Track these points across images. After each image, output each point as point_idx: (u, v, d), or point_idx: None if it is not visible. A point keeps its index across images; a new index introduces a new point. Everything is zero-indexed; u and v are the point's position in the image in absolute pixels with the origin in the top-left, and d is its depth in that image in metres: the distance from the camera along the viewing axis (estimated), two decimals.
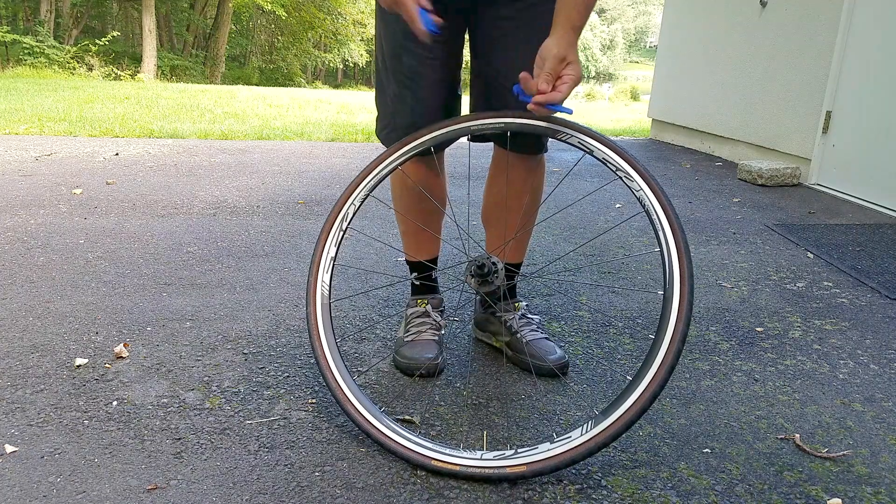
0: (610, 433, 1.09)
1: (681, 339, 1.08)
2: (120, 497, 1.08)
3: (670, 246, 1.14)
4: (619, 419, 1.08)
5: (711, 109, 4.83)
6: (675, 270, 1.12)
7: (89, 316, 1.76)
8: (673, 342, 1.08)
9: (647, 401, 1.08)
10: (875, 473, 1.21)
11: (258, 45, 25.86)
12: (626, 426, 1.08)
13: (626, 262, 2.37)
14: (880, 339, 1.80)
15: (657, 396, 1.08)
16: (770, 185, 3.75)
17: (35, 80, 11.14)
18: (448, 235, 2.52)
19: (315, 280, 1.37)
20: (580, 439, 1.10)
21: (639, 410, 1.08)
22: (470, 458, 1.14)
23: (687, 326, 1.09)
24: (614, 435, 1.08)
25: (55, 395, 1.37)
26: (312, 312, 1.33)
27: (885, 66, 3.33)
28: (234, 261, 2.24)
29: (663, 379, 1.08)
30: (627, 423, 1.08)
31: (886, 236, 2.79)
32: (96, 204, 2.87)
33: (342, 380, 1.27)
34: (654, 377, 1.08)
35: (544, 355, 1.52)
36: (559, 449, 1.11)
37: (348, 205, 1.40)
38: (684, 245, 1.13)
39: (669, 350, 1.08)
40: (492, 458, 1.14)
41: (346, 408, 1.24)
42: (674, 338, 1.09)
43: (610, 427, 1.09)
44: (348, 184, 1.42)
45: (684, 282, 1.11)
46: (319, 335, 1.31)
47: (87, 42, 15.94)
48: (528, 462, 1.11)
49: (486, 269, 1.29)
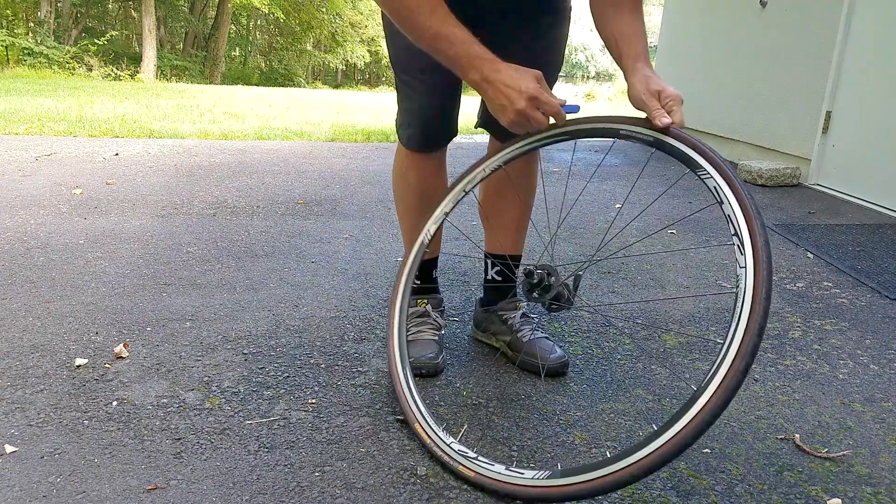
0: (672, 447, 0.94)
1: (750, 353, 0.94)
2: (120, 497, 1.08)
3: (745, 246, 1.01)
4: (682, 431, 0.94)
5: (711, 109, 4.84)
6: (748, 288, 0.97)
7: (89, 316, 1.76)
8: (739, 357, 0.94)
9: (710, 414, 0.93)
10: (875, 473, 1.21)
11: (258, 45, 25.87)
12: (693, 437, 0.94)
13: (626, 261, 2.37)
14: (880, 339, 1.80)
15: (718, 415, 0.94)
16: (770, 186, 3.75)
17: (35, 80, 11.14)
18: (448, 235, 2.52)
19: (420, 228, 1.41)
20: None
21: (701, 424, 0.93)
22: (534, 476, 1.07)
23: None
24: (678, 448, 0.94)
25: (55, 395, 1.37)
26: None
27: (885, 65, 3.33)
28: (234, 261, 2.24)
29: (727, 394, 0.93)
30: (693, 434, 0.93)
31: (886, 236, 2.79)
32: (96, 204, 2.87)
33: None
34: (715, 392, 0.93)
35: (544, 355, 1.52)
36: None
37: (478, 170, 1.40)
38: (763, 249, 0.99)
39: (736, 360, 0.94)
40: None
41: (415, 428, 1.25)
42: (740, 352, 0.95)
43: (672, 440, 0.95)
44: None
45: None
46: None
47: (87, 42, 15.95)
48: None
49: (537, 279, 1.28)
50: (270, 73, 23.71)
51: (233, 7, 20.63)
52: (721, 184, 1.07)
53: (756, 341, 0.94)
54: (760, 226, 1.00)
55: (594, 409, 1.40)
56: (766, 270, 0.97)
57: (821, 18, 3.73)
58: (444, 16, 1.13)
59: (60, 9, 17.14)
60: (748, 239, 1.00)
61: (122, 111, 6.24)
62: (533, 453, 1.24)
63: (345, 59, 25.83)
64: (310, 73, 26.80)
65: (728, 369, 0.93)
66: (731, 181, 1.06)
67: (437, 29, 1.13)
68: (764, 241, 0.99)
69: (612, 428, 1.33)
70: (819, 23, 3.74)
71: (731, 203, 1.05)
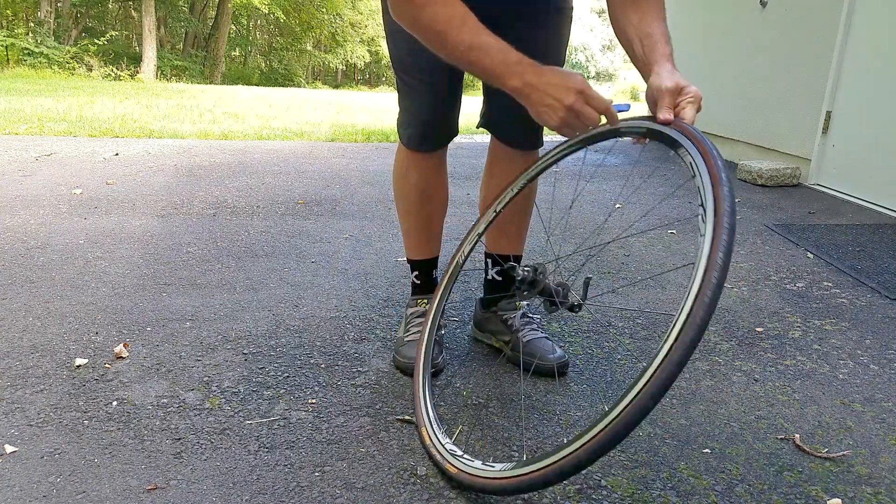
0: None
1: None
2: (120, 497, 1.08)
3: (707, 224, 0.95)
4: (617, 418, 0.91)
5: (711, 109, 4.82)
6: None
7: (89, 316, 1.76)
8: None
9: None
10: (875, 473, 1.21)
11: (258, 45, 25.86)
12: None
13: (626, 261, 2.37)
14: (880, 339, 1.80)
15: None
16: (770, 186, 3.75)
17: (35, 80, 11.14)
18: (449, 235, 2.52)
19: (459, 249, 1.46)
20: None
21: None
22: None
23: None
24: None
25: (55, 395, 1.37)
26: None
27: (885, 66, 3.33)
28: (234, 261, 2.24)
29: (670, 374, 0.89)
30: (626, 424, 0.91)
31: (886, 236, 2.79)
32: (96, 204, 2.87)
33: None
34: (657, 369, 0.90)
35: (544, 355, 1.52)
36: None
37: (507, 191, 1.43)
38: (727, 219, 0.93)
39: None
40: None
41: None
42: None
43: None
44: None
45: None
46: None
47: (87, 42, 15.94)
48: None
49: (521, 276, 1.30)
50: (270, 73, 23.71)
51: (233, 7, 20.63)
52: (696, 157, 1.02)
53: (704, 315, 0.89)
54: (728, 193, 0.94)
55: (594, 409, 1.40)
56: (728, 237, 0.90)
57: (821, 18, 3.73)
58: (475, 26, 1.10)
59: (60, 9, 17.14)
60: (711, 205, 0.94)
61: (122, 111, 6.24)
62: (533, 453, 1.24)
63: (345, 59, 25.83)
64: (310, 73, 26.79)
65: (674, 341, 0.89)
66: (707, 153, 1.01)
67: (471, 41, 1.09)
68: (729, 207, 0.93)
69: None
70: (819, 23, 3.74)
71: (701, 174, 1.00)
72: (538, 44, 1.42)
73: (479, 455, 1.23)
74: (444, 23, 1.10)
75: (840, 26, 3.58)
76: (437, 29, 1.11)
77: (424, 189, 1.58)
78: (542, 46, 1.43)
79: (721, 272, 0.90)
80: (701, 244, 0.92)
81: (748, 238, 2.72)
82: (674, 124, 1.10)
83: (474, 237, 1.46)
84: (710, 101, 5.40)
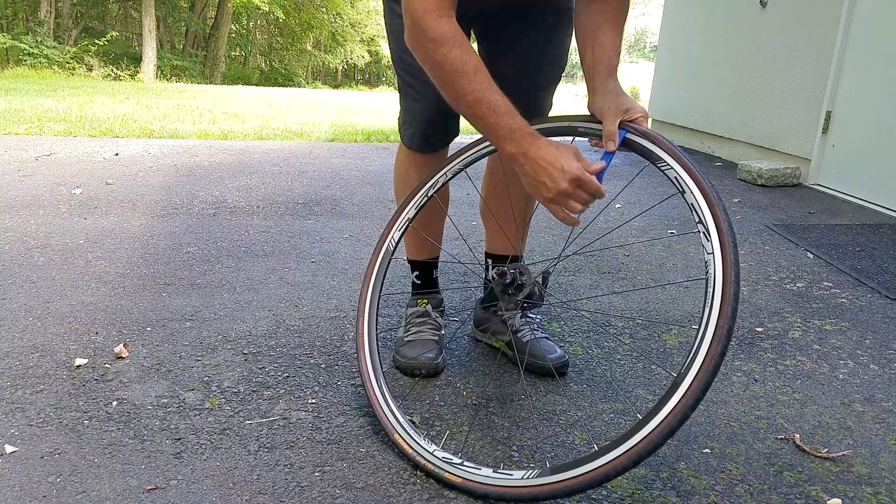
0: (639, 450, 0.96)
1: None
2: (120, 497, 1.08)
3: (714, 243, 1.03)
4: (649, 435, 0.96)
5: (711, 109, 4.83)
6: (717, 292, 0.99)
7: (89, 316, 1.76)
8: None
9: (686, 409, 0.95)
10: (875, 473, 1.21)
11: (258, 45, 25.86)
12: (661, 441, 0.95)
13: (626, 261, 2.37)
14: (880, 339, 1.80)
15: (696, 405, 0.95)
16: (770, 186, 3.75)
17: (35, 80, 11.14)
18: (449, 235, 2.52)
19: (385, 235, 1.40)
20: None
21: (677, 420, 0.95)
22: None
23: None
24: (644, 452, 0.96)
25: (55, 395, 1.37)
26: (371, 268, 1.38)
27: (885, 65, 3.33)
28: (234, 261, 2.24)
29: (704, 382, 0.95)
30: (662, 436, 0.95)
31: (886, 236, 2.79)
32: (96, 204, 2.87)
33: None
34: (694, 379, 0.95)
35: (544, 355, 1.52)
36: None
37: (439, 175, 1.41)
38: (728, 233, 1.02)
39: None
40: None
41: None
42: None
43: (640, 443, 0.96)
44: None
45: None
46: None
47: (87, 42, 15.94)
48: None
49: (510, 279, 1.30)
50: (270, 73, 23.71)
51: (233, 7, 20.63)
52: (682, 174, 1.08)
53: (730, 324, 0.95)
54: (723, 211, 1.02)
55: (594, 409, 1.40)
56: (734, 254, 0.99)
57: (821, 18, 3.73)
58: (486, 80, 1.11)
59: (60, 9, 17.13)
60: (713, 225, 1.02)
61: (122, 111, 6.24)
62: (533, 453, 1.24)
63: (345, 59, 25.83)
64: (310, 73, 26.79)
65: (706, 353, 0.95)
66: (691, 170, 1.08)
67: (481, 95, 1.10)
68: (728, 226, 1.01)
69: (612, 428, 1.33)
70: (819, 23, 3.74)
71: (692, 192, 1.06)
72: (537, 44, 1.43)
73: (478, 460, 1.23)
74: (457, 67, 1.10)
75: (840, 26, 3.58)
76: (448, 70, 1.11)
77: None
78: (541, 47, 1.44)
79: (736, 285, 0.97)
80: (711, 261, 1.01)
81: (748, 238, 2.72)
82: (646, 136, 1.13)
83: (404, 223, 1.42)
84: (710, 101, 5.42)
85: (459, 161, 1.39)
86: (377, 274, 1.42)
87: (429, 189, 1.41)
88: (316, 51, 25.68)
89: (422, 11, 1.10)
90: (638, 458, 0.95)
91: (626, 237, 2.68)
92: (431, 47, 1.11)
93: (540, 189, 1.11)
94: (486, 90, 1.11)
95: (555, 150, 1.10)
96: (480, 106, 1.11)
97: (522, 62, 1.43)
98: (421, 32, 1.11)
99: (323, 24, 23.73)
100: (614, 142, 1.15)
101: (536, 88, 1.48)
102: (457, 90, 1.12)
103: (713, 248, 1.01)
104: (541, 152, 1.09)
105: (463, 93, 1.12)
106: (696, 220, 1.06)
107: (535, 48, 1.43)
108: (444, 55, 1.10)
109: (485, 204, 1.65)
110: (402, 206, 1.43)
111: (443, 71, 1.12)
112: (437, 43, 1.10)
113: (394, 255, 1.42)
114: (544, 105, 1.51)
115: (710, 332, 0.96)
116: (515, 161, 1.12)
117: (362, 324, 1.38)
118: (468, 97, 1.11)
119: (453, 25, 1.11)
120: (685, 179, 1.08)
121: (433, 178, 1.41)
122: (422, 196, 1.42)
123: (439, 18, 1.10)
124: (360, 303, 1.41)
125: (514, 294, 1.32)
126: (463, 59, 1.10)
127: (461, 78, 1.11)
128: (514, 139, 1.11)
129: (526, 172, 1.12)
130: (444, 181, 1.41)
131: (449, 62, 1.10)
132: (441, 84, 1.15)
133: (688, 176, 1.08)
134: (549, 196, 1.10)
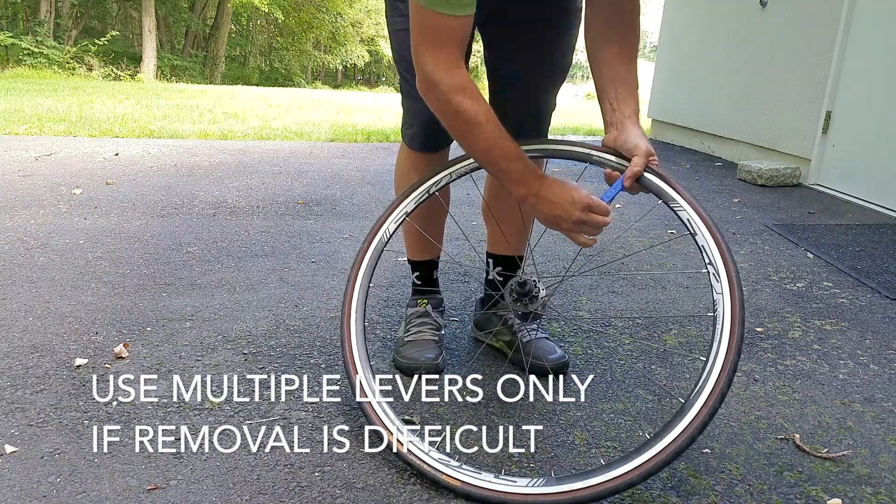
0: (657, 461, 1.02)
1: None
2: (120, 497, 1.08)
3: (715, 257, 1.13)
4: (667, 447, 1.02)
5: (711, 109, 4.84)
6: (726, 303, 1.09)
7: (89, 316, 1.76)
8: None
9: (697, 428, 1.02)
10: (875, 473, 1.21)
11: (258, 45, 25.87)
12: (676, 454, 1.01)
13: (626, 261, 2.37)
14: (880, 339, 1.80)
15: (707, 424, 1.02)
16: (770, 186, 3.75)
17: (35, 80, 11.14)
18: (450, 235, 2.52)
19: (378, 226, 1.39)
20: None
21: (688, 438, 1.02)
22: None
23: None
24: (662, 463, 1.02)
25: (55, 395, 1.37)
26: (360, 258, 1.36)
27: (885, 66, 3.33)
28: (234, 261, 2.24)
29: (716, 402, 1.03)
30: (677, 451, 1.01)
31: (886, 236, 2.79)
32: (96, 204, 2.87)
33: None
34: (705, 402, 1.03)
35: (544, 355, 1.52)
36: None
37: (445, 174, 1.42)
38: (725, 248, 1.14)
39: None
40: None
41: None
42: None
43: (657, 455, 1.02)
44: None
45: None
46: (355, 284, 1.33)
47: (87, 42, 15.94)
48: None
49: (528, 287, 1.32)
50: (270, 73, 23.72)
51: (233, 7, 20.63)
52: (693, 216, 1.17)
53: (736, 359, 1.05)
54: (730, 256, 1.13)
55: (594, 409, 1.40)
56: (740, 297, 1.09)
57: (821, 18, 3.73)
58: (497, 128, 1.16)
59: (60, 9, 17.14)
60: (723, 269, 1.11)
61: (122, 111, 6.24)
62: (533, 453, 1.24)
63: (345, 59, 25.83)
64: (310, 73, 26.79)
65: (715, 382, 1.04)
66: (703, 215, 1.17)
67: (494, 142, 1.16)
68: (735, 271, 1.11)
69: (612, 428, 1.33)
70: (819, 23, 3.74)
71: (704, 235, 1.15)
72: (544, 46, 1.42)
73: (478, 461, 1.22)
74: (469, 117, 1.16)
75: (840, 26, 3.58)
76: (461, 120, 1.16)
77: None
78: (548, 49, 1.43)
79: (742, 326, 1.07)
80: (720, 301, 1.10)
81: (748, 238, 2.72)
82: (661, 177, 1.22)
83: (401, 215, 1.40)
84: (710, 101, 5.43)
85: (467, 164, 1.39)
86: (366, 266, 1.36)
87: (430, 186, 1.40)
88: (316, 51, 25.68)
89: (433, 66, 1.14)
90: (647, 475, 1.01)
91: (626, 237, 2.68)
92: (444, 99, 1.15)
93: (558, 222, 1.19)
94: (498, 137, 1.17)
95: (561, 186, 1.18)
96: (492, 153, 1.18)
97: (529, 64, 1.43)
98: (434, 85, 1.15)
99: (323, 24, 23.73)
100: (631, 179, 1.22)
101: (542, 89, 1.48)
102: (469, 138, 1.18)
103: (722, 290, 1.10)
104: (551, 190, 1.17)
105: (475, 140, 1.18)
106: (706, 261, 1.14)
107: (542, 50, 1.43)
108: (457, 106, 1.15)
109: (486, 205, 1.65)
110: (399, 199, 1.41)
111: (456, 120, 1.17)
112: (450, 95, 1.15)
113: (386, 246, 1.39)
114: (549, 105, 1.51)
115: (719, 364, 1.05)
116: (527, 201, 1.20)
117: (349, 322, 1.32)
118: (480, 144, 1.18)
119: (464, 76, 1.16)
120: (696, 222, 1.16)
121: (437, 175, 1.41)
122: (422, 192, 1.41)
123: (449, 71, 1.14)
124: (345, 297, 1.34)
125: (527, 304, 1.34)
126: (475, 110, 1.15)
127: (474, 127, 1.16)
128: (525, 182, 1.18)
129: (540, 211, 1.19)
130: (447, 181, 1.40)
131: (462, 113, 1.15)
132: (454, 132, 1.20)
133: (699, 219, 1.16)
134: (566, 227, 1.18)
